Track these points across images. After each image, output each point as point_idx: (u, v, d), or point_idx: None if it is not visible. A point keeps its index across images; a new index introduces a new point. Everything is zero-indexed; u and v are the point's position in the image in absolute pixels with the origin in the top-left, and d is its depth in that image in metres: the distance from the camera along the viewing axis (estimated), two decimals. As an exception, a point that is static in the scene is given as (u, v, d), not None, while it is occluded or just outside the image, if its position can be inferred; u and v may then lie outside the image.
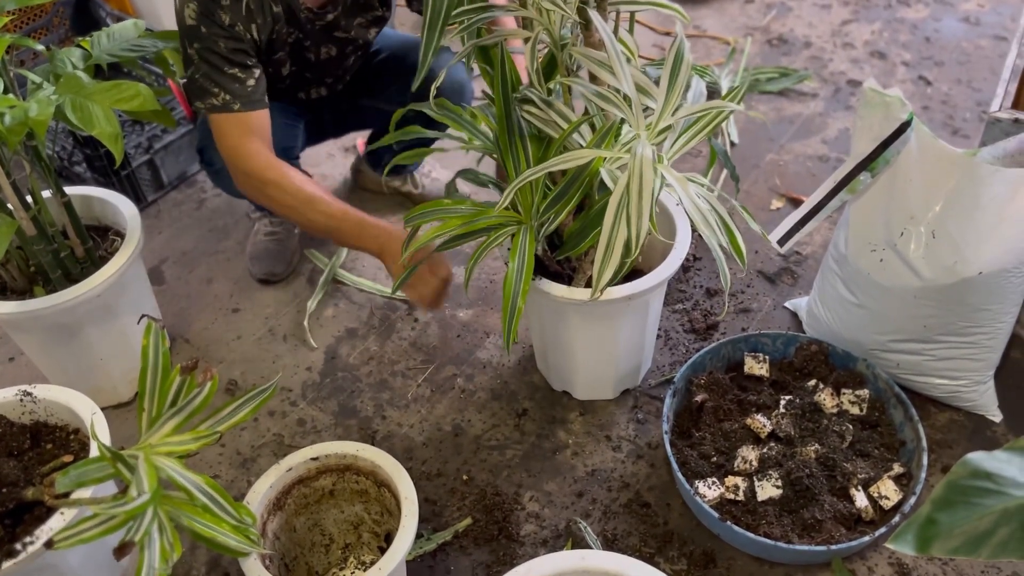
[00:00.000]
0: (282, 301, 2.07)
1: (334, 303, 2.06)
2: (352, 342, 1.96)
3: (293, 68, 1.85)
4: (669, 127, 1.28)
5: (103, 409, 1.80)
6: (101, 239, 1.79)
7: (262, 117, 1.68)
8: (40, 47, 1.59)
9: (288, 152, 1.95)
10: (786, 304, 1.96)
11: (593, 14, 1.24)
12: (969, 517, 0.88)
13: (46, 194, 1.69)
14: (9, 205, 1.56)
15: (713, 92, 2.51)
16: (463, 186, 2.27)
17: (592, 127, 1.46)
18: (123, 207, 1.76)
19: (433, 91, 1.26)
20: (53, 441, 1.44)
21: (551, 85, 1.45)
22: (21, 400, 1.44)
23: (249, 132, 1.65)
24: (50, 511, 1.33)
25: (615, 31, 1.40)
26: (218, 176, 1.93)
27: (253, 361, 1.94)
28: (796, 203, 2.22)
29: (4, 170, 1.52)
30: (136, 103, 1.32)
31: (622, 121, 1.35)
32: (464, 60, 1.43)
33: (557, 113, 1.40)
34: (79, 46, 1.64)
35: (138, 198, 2.31)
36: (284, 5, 1.69)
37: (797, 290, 2.00)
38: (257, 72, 1.67)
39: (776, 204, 2.23)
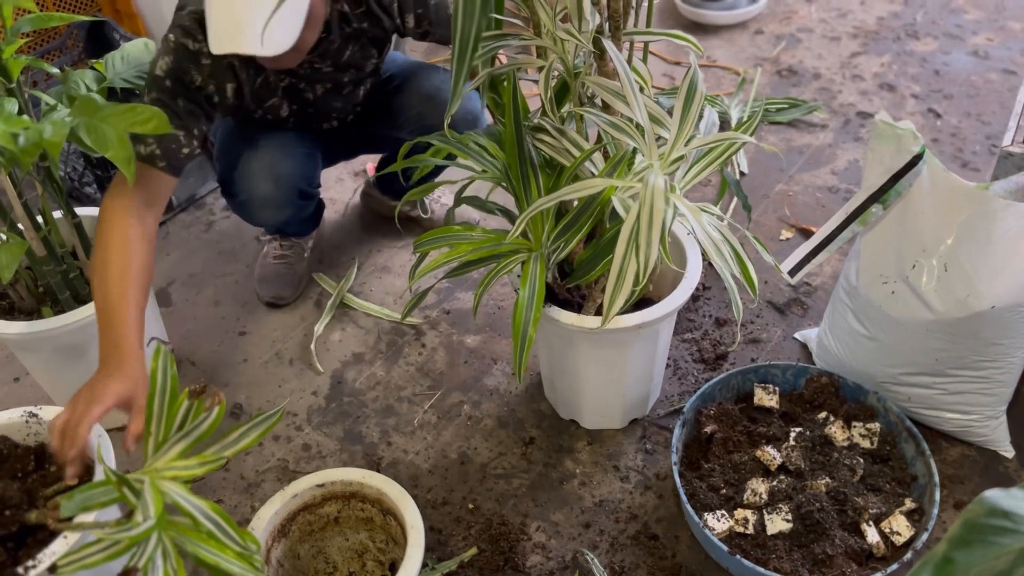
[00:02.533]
0: (289, 325, 2.07)
1: (341, 327, 2.05)
2: (359, 367, 1.96)
3: (293, 107, 1.85)
4: (682, 157, 1.28)
5: (108, 431, 1.78)
6: (110, 260, 1.79)
7: (170, 183, 1.60)
8: (54, 70, 1.59)
9: (310, 182, 1.95)
10: (796, 335, 1.95)
11: (608, 44, 1.25)
12: (986, 556, 0.87)
13: (57, 215, 1.69)
14: (20, 225, 1.57)
15: (723, 122, 2.52)
16: (473, 212, 2.27)
17: (605, 155, 1.46)
18: (133, 229, 1.76)
19: (447, 121, 1.26)
20: (57, 463, 1.43)
21: (563, 112, 1.46)
22: (27, 421, 1.43)
23: (148, 189, 1.55)
24: (53, 534, 1.32)
25: (629, 61, 1.41)
26: (242, 208, 1.92)
27: (259, 385, 1.93)
28: (806, 234, 2.22)
29: (16, 190, 1.53)
30: (151, 126, 1.33)
31: (635, 150, 1.35)
32: (478, 89, 1.43)
33: (570, 141, 1.40)
34: (93, 68, 1.65)
35: (147, 220, 2.31)
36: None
37: (807, 321, 1.99)
38: (196, 144, 1.61)
39: (786, 234, 2.23)
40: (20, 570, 1.22)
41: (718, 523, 1.49)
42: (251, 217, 1.95)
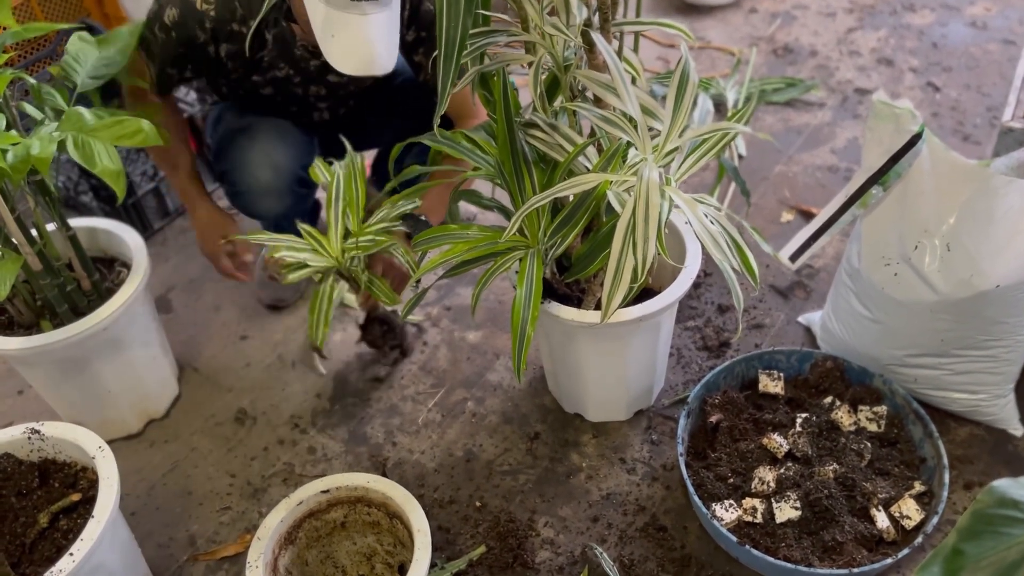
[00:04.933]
0: (290, 327, 2.06)
1: (342, 328, 2.04)
2: (361, 368, 1.95)
3: (278, 99, 1.85)
4: (676, 148, 1.27)
5: (112, 441, 1.79)
6: (107, 271, 1.78)
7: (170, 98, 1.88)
8: (32, 82, 1.57)
9: (307, 169, 1.94)
10: (799, 319, 1.93)
11: (597, 37, 1.23)
12: (996, 547, 0.86)
13: (51, 227, 1.68)
14: (14, 240, 1.56)
15: (719, 104, 2.49)
16: (470, 207, 2.25)
17: (598, 148, 1.44)
18: (128, 238, 1.75)
19: (436, 120, 1.24)
20: (61, 479, 1.43)
21: (555, 107, 1.44)
22: (29, 438, 1.43)
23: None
24: (60, 551, 1.32)
25: (619, 51, 1.39)
26: (242, 198, 1.91)
27: (263, 389, 1.92)
28: (806, 215, 2.20)
29: (8, 205, 1.51)
30: (138, 139, 1.31)
31: (628, 143, 1.33)
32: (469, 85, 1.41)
33: (562, 136, 1.38)
34: (57, 76, 1.61)
35: (144, 226, 2.30)
36: (277, 35, 1.68)
37: (810, 304, 1.97)
38: (189, 76, 1.80)
39: (786, 217, 2.21)
40: (28, 589, 1.22)
41: (726, 513, 1.49)
42: (251, 207, 1.94)
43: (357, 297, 1.77)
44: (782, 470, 1.53)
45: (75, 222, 1.72)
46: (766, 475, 1.52)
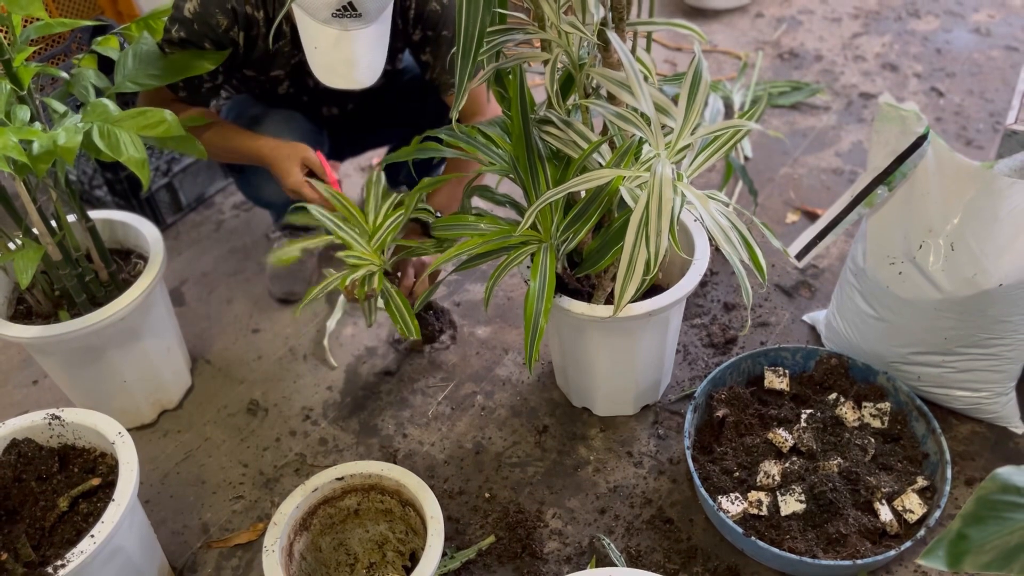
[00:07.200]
0: (301, 321, 2.09)
1: (353, 322, 2.07)
2: (372, 361, 1.98)
3: (291, 90, 1.87)
4: (688, 146, 1.30)
5: (130, 430, 1.82)
6: (124, 262, 1.81)
7: (193, 111, 1.77)
8: (64, 74, 1.61)
9: None
10: (804, 317, 1.96)
11: (612, 35, 1.26)
12: (1000, 532, 0.89)
13: (70, 219, 1.71)
14: (35, 230, 1.59)
15: (727, 107, 2.53)
16: (480, 203, 2.28)
17: (611, 145, 1.47)
18: (146, 230, 1.78)
19: (454, 116, 1.27)
20: (81, 464, 1.45)
21: (569, 104, 1.47)
22: (49, 424, 1.45)
23: (176, 104, 1.76)
24: (80, 533, 1.34)
25: (633, 50, 1.42)
26: (249, 184, 1.94)
27: (274, 381, 1.95)
28: (811, 216, 2.23)
29: (30, 196, 1.54)
30: (161, 129, 1.34)
31: (641, 140, 1.36)
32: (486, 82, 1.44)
33: (576, 133, 1.41)
34: (96, 68, 1.64)
35: (157, 220, 2.33)
36: (293, 26, 1.72)
37: (815, 303, 2.00)
38: (219, 80, 1.75)
39: (791, 218, 2.24)
40: (50, 570, 1.24)
41: (732, 506, 1.51)
42: (260, 195, 1.96)
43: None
44: (787, 464, 1.56)
45: (94, 214, 1.75)
46: (771, 469, 1.55)
